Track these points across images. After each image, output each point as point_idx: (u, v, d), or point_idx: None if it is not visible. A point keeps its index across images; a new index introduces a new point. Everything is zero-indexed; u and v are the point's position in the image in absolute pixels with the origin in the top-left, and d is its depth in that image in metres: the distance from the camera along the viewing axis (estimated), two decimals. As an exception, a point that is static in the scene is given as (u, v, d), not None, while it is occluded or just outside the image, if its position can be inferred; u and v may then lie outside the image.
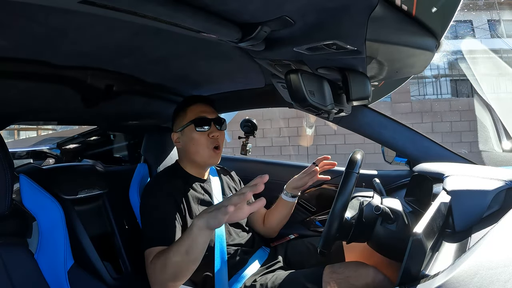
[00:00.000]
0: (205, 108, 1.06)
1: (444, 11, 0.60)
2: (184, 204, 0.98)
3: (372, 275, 0.82)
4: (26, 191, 0.86)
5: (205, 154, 1.03)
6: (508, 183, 0.68)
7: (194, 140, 1.03)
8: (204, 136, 1.02)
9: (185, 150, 1.06)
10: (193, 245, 0.72)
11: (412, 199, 0.99)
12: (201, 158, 1.04)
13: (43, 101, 0.99)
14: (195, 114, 1.03)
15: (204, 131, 1.02)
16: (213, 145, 1.03)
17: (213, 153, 1.03)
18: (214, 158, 1.05)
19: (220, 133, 1.05)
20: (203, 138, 1.02)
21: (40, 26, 0.60)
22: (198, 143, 1.02)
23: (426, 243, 0.53)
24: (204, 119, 1.03)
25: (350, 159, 0.78)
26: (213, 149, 1.03)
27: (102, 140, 1.76)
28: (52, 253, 0.83)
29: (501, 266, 0.41)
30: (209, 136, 1.02)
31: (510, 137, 1.27)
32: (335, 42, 0.60)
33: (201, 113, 1.04)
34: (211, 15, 0.55)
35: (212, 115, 1.05)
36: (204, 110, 1.05)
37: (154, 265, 0.80)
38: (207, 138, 1.02)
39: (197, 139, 1.02)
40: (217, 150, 1.04)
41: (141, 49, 0.79)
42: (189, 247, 0.72)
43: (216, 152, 1.04)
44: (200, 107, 1.05)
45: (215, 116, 1.06)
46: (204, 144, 1.02)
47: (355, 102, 0.75)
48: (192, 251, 0.73)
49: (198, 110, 1.04)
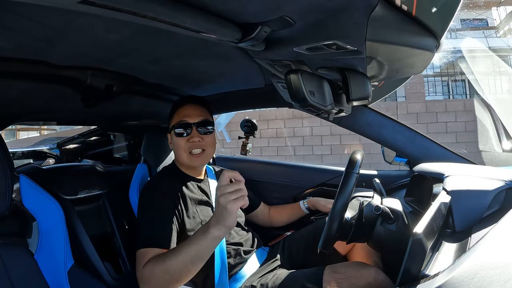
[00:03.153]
0: (190, 111, 1.05)
1: (444, 11, 0.60)
2: (181, 204, 0.98)
3: (374, 275, 0.82)
4: (26, 191, 0.86)
5: (185, 157, 1.04)
6: (508, 183, 0.68)
7: (175, 144, 1.05)
8: (183, 141, 1.03)
9: (173, 151, 1.09)
10: (204, 252, 0.74)
11: (412, 199, 0.99)
12: (182, 160, 1.06)
13: (43, 101, 0.99)
14: (178, 118, 1.05)
15: (184, 136, 1.03)
16: (190, 150, 1.03)
17: (191, 157, 1.04)
18: (195, 161, 1.05)
19: (204, 136, 1.04)
20: (182, 142, 1.03)
21: (40, 26, 0.60)
22: (177, 147, 1.04)
23: (426, 243, 0.54)
24: (184, 124, 1.03)
25: (350, 159, 0.78)
26: (190, 154, 1.03)
27: (102, 140, 1.76)
28: (52, 253, 0.83)
29: (501, 266, 0.41)
30: (189, 141, 1.03)
31: (510, 137, 1.27)
32: (335, 42, 0.60)
33: (183, 117, 1.04)
34: (211, 15, 0.55)
35: (195, 119, 1.04)
36: (188, 114, 1.04)
37: (152, 269, 0.78)
38: (186, 143, 1.03)
39: (177, 143, 1.04)
40: (197, 156, 1.04)
41: (141, 49, 0.79)
42: (199, 253, 0.74)
43: (196, 157, 1.04)
44: (186, 110, 1.05)
45: (198, 119, 1.04)
46: (182, 148, 1.03)
47: (355, 102, 0.75)
48: (202, 258, 0.75)
49: (182, 113, 1.05)
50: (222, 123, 4.75)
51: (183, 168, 1.09)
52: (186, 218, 0.97)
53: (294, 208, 1.26)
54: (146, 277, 0.79)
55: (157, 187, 1.00)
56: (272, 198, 1.40)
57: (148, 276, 0.79)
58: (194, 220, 0.99)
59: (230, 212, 0.69)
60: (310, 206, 1.23)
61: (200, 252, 0.74)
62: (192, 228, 0.97)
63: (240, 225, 1.12)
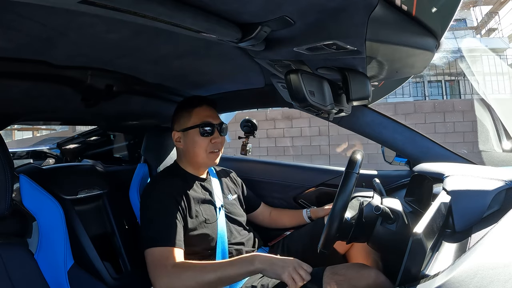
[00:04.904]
0: (210, 112, 1.07)
1: (444, 11, 0.60)
2: (185, 203, 0.98)
3: (374, 277, 0.82)
4: (26, 191, 0.86)
5: (205, 156, 1.05)
6: (508, 183, 0.68)
7: (196, 143, 1.04)
8: (206, 141, 1.04)
9: (185, 151, 1.07)
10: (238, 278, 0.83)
11: (412, 199, 0.99)
12: (201, 159, 1.06)
13: (43, 101, 0.99)
14: (200, 118, 1.05)
15: (208, 136, 1.04)
16: (212, 150, 1.05)
17: (211, 156, 1.06)
18: (213, 160, 1.07)
19: (221, 138, 1.08)
20: (205, 142, 1.04)
21: (40, 26, 0.60)
22: (200, 147, 1.04)
23: (426, 243, 0.53)
24: (209, 124, 1.05)
25: (350, 159, 0.78)
26: (211, 153, 1.05)
27: (102, 140, 1.76)
28: (52, 253, 0.83)
29: (501, 266, 0.41)
30: (211, 141, 1.05)
31: (510, 137, 1.27)
32: (335, 42, 0.60)
33: (206, 117, 1.05)
34: (211, 15, 0.55)
35: (217, 121, 1.07)
36: (210, 115, 1.06)
37: (177, 273, 0.83)
38: (209, 143, 1.04)
39: (199, 143, 1.04)
40: (216, 154, 1.07)
41: (141, 49, 0.79)
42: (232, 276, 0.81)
43: (215, 154, 1.07)
44: (206, 110, 1.06)
45: (219, 121, 1.07)
46: (204, 147, 1.04)
47: (355, 102, 0.75)
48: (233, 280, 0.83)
49: (204, 114, 1.06)
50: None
51: (188, 167, 1.09)
52: (189, 217, 0.98)
53: (295, 215, 1.26)
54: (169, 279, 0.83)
55: (161, 187, 1.00)
56: (272, 198, 1.39)
57: (172, 277, 0.83)
58: (196, 219, 0.99)
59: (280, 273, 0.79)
60: (313, 216, 1.22)
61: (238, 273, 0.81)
62: (194, 227, 0.98)
63: (242, 225, 1.12)
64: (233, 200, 1.16)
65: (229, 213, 1.10)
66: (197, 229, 0.98)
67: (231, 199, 1.16)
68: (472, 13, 9.41)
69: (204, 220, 1.00)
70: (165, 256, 0.86)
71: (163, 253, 0.87)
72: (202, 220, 1.00)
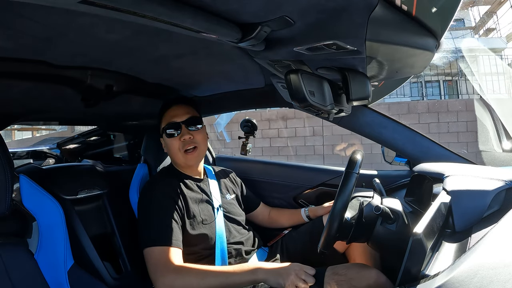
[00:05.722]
0: (176, 111, 1.06)
1: (444, 11, 0.60)
2: (183, 203, 0.99)
3: (374, 277, 0.82)
4: (26, 191, 0.86)
5: (180, 157, 1.05)
6: (508, 183, 0.68)
7: (168, 146, 1.06)
8: (175, 140, 1.04)
9: (169, 155, 1.10)
10: (239, 286, 0.82)
11: (412, 199, 0.99)
12: (179, 160, 1.06)
13: (43, 101, 0.99)
14: (166, 121, 1.06)
15: (175, 136, 1.04)
16: (185, 148, 1.04)
17: (186, 155, 1.05)
18: (189, 159, 1.06)
19: (194, 133, 1.05)
20: (175, 142, 1.04)
21: (40, 26, 0.60)
22: (171, 148, 1.05)
23: (426, 243, 0.53)
24: (173, 124, 1.04)
25: (350, 159, 0.78)
26: (186, 152, 1.04)
27: (102, 140, 1.76)
28: (52, 253, 0.83)
29: (501, 266, 0.41)
30: (181, 139, 1.04)
31: (510, 137, 1.27)
32: (335, 42, 0.60)
33: (171, 118, 1.05)
34: (211, 15, 0.55)
35: (182, 117, 1.05)
36: (175, 114, 1.06)
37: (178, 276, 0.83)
38: (179, 142, 1.04)
39: (170, 144, 1.05)
40: (191, 153, 1.05)
41: (141, 49, 0.79)
42: (234, 284, 0.81)
43: (190, 154, 1.05)
44: (172, 111, 1.07)
45: (186, 117, 1.05)
46: (177, 148, 1.04)
47: (355, 102, 0.75)
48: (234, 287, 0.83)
49: (170, 115, 1.06)
50: (222, 123, 4.74)
51: (181, 169, 1.10)
52: (187, 218, 0.98)
53: (294, 215, 1.26)
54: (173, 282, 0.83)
55: (157, 187, 1.00)
56: (272, 198, 1.40)
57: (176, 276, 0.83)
58: (194, 219, 0.99)
59: (283, 282, 0.80)
60: (311, 215, 1.22)
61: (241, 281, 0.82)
62: (192, 227, 0.98)
63: (241, 224, 1.12)
64: (231, 200, 1.16)
65: (228, 213, 1.10)
66: (195, 229, 0.98)
67: (230, 199, 1.16)
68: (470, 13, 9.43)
69: (201, 220, 1.00)
70: (165, 256, 0.86)
71: (163, 253, 0.87)
72: (200, 220, 1.00)
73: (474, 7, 8.92)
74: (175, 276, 0.83)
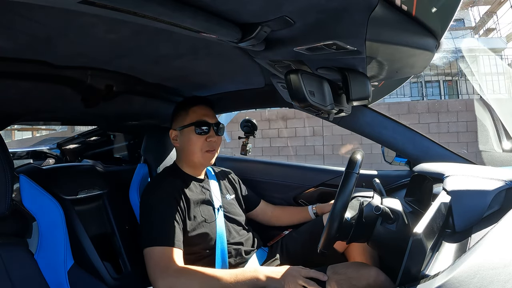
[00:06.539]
0: (207, 111, 1.07)
1: (444, 11, 0.60)
2: (184, 204, 0.99)
3: (374, 276, 0.82)
4: (26, 191, 0.86)
5: (200, 155, 1.06)
6: (508, 183, 0.68)
7: (191, 141, 1.05)
8: (201, 139, 1.05)
9: (181, 149, 1.09)
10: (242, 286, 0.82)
11: (412, 199, 0.99)
12: (196, 158, 1.06)
13: (43, 101, 0.99)
14: (196, 117, 1.05)
15: (203, 135, 1.04)
16: (207, 149, 1.05)
17: (206, 155, 1.06)
18: (208, 159, 1.07)
19: (217, 138, 1.08)
20: (201, 141, 1.05)
21: (40, 26, 0.60)
22: (195, 145, 1.05)
23: (426, 243, 0.53)
24: (205, 123, 1.05)
25: (350, 159, 0.78)
26: (206, 152, 1.06)
27: (102, 140, 1.76)
28: (52, 253, 0.83)
29: (501, 266, 0.41)
30: (207, 140, 1.05)
31: (510, 137, 1.27)
32: (335, 42, 0.60)
33: (203, 116, 1.06)
34: (211, 15, 0.55)
35: (213, 120, 1.07)
36: (206, 114, 1.07)
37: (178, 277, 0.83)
38: (204, 142, 1.05)
39: (194, 141, 1.05)
40: (211, 153, 1.07)
41: (141, 49, 0.79)
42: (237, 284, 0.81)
43: (210, 154, 1.07)
44: (203, 109, 1.07)
45: (215, 121, 1.08)
46: (199, 146, 1.05)
47: (355, 102, 0.75)
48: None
49: (201, 112, 1.06)
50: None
51: (186, 168, 1.10)
52: (188, 219, 0.98)
53: (301, 212, 1.26)
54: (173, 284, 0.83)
55: (160, 187, 1.00)
56: (272, 198, 1.40)
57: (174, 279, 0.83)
58: (195, 220, 0.99)
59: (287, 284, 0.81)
60: (318, 212, 1.22)
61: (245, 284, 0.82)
62: (192, 228, 0.98)
63: (241, 225, 1.12)
64: (231, 200, 1.17)
65: (228, 213, 1.10)
66: (195, 229, 0.98)
67: (230, 199, 1.16)
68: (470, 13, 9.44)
69: (202, 220, 1.01)
70: (164, 257, 0.86)
71: (163, 253, 0.87)
72: (201, 221, 1.00)
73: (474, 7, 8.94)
74: (176, 279, 0.83)
